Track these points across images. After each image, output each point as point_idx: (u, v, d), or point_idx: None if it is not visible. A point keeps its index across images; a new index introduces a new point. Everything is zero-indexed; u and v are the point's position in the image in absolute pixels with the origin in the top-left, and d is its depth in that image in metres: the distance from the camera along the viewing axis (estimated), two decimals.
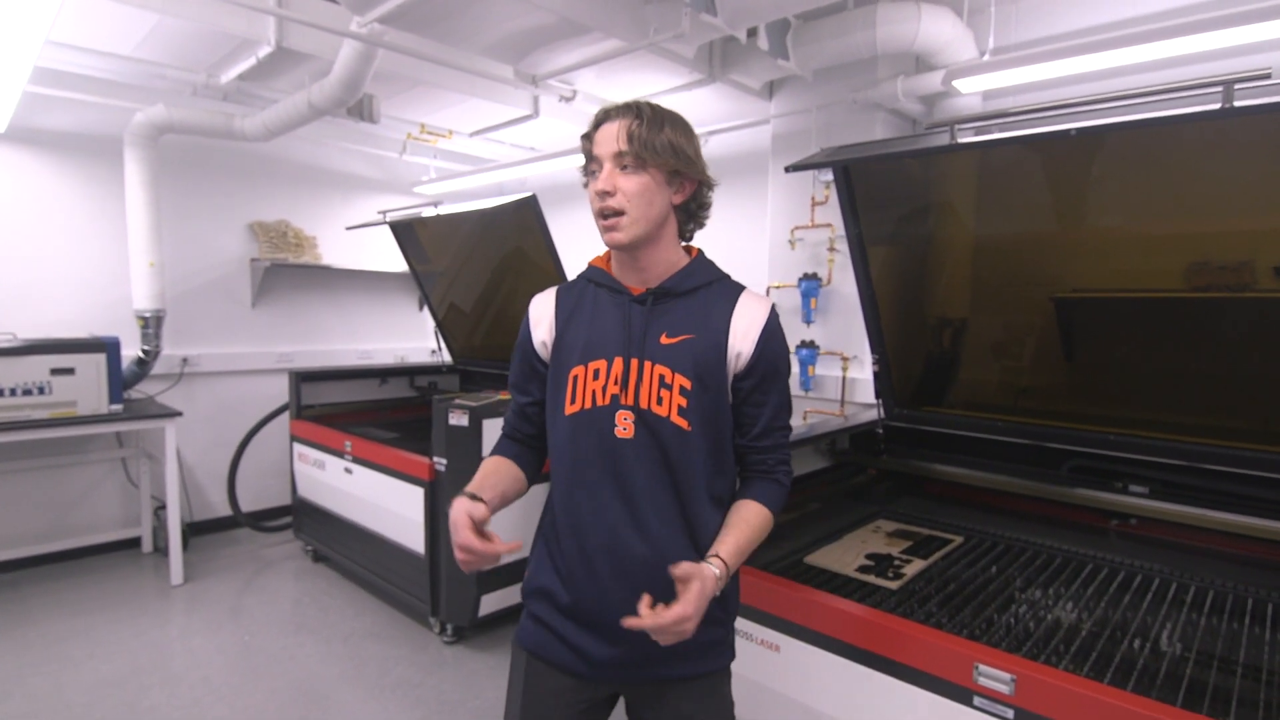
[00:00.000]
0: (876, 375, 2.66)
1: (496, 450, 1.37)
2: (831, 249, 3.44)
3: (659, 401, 1.20)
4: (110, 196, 3.94)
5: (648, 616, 1.05)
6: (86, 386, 3.39)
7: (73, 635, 3.11)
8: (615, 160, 1.18)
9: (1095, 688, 1.34)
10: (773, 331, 1.26)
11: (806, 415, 3.64)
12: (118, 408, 3.50)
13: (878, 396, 2.70)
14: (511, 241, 3.90)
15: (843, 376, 3.46)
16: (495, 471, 1.30)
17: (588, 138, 1.23)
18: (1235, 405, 2.13)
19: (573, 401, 1.24)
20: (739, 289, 1.29)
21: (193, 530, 4.31)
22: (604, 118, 1.21)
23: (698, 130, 1.27)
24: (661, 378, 1.20)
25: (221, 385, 4.53)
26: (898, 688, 1.55)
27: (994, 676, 1.42)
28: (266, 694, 2.68)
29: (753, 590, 1.80)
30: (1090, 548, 2.22)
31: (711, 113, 3.97)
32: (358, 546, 3.59)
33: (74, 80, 3.53)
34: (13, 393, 3.20)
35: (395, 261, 4.81)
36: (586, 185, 1.25)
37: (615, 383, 1.21)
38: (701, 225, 1.31)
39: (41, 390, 3.28)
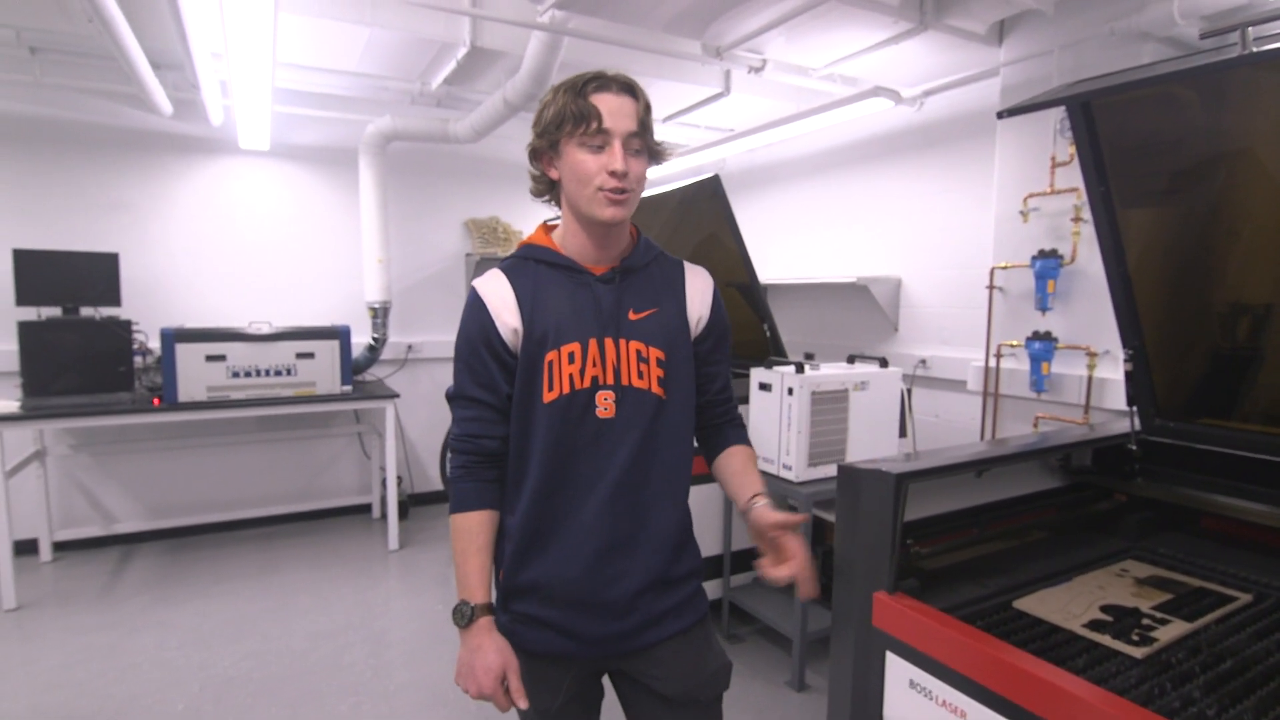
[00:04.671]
0: (1129, 376, 2.08)
1: (474, 500, 1.24)
2: (1077, 219, 2.81)
3: (639, 376, 1.23)
4: (348, 201, 4.46)
5: (789, 570, 1.16)
6: (323, 369, 3.85)
7: (305, 587, 3.54)
8: (627, 141, 1.16)
9: None
10: (719, 295, 1.36)
11: (1038, 422, 3.04)
12: (348, 388, 3.93)
13: (1130, 403, 2.12)
14: (707, 226, 3.73)
15: (1088, 376, 2.82)
16: (488, 546, 1.25)
17: (582, 95, 1.14)
18: None
19: (550, 389, 1.21)
20: (679, 261, 1.36)
21: (413, 501, 4.75)
22: (603, 85, 1.16)
23: (907, 91, 1.05)
24: (638, 353, 1.23)
25: (440, 370, 4.93)
26: None
27: None
28: (448, 664, 2.81)
29: (933, 635, 1.45)
30: None
31: (924, 69, 3.46)
32: None
33: (316, 99, 4.03)
34: (267, 373, 3.73)
35: None
36: (546, 146, 1.20)
37: (594, 364, 1.21)
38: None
39: (289, 371, 3.78)
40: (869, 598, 1.62)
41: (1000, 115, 1.69)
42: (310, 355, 3.83)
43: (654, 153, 1.23)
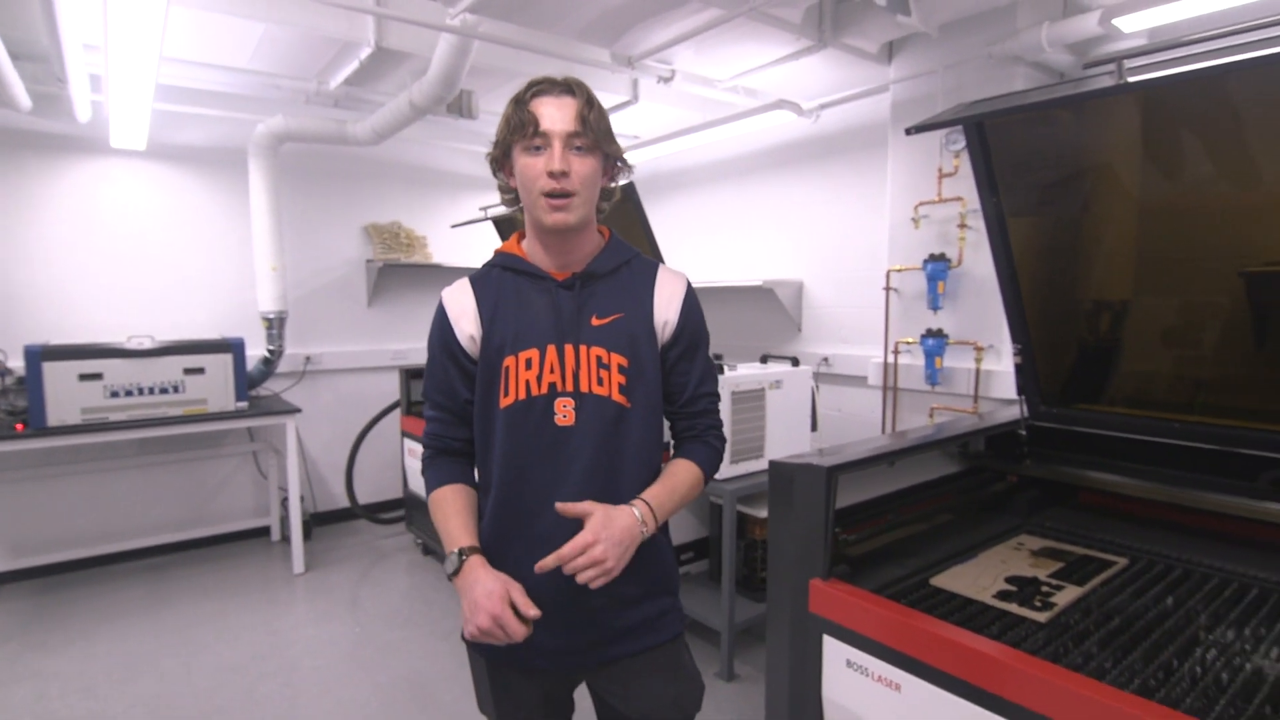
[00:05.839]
0: (1019, 368, 2.30)
1: (444, 477, 1.28)
2: (962, 225, 3.07)
3: (599, 382, 1.21)
4: (237, 205, 4.18)
5: (550, 557, 1.09)
6: (215, 385, 3.60)
7: (204, 620, 3.29)
8: (567, 140, 1.16)
9: None
10: (692, 300, 1.32)
11: (933, 413, 3.28)
12: (243, 405, 3.70)
13: (1020, 393, 2.34)
14: (618, 230, 3.78)
15: (976, 369, 3.08)
16: (467, 508, 1.26)
17: (522, 103, 1.18)
18: None
19: (506, 394, 1.21)
20: (655, 264, 1.34)
21: (316, 520, 4.51)
22: (543, 90, 1.19)
23: (807, 104, 1.10)
24: (599, 359, 1.22)
25: (342, 382, 4.72)
26: None
27: None
28: (371, 688, 2.70)
29: (867, 616, 1.55)
30: None
31: (822, 83, 3.66)
32: None
33: (200, 96, 3.75)
34: (150, 391, 3.45)
35: None
36: (500, 155, 1.24)
37: (551, 371, 1.20)
38: (605, 210, 1.32)
39: (176, 389, 3.51)
40: (804, 585, 1.71)
41: (909, 131, 1.83)
42: (200, 370, 3.57)
43: (607, 152, 1.23)
